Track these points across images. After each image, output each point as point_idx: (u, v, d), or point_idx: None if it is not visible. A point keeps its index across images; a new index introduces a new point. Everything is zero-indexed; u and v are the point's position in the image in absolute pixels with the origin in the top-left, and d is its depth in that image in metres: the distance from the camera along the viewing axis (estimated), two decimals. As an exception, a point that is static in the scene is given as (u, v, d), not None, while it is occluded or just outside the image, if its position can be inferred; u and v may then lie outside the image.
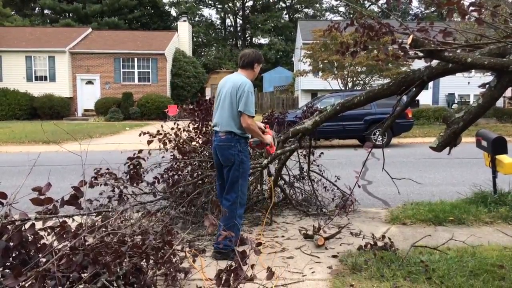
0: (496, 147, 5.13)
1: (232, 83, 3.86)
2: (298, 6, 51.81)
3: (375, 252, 3.69)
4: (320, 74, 20.99)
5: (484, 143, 5.31)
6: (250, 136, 3.96)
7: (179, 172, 5.10)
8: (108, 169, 4.95)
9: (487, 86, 3.15)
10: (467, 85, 24.61)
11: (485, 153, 5.42)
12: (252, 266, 2.51)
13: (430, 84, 24.96)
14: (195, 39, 45.05)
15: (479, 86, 3.61)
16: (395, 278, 3.22)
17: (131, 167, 4.74)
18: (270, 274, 2.40)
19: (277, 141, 4.37)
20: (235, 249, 3.74)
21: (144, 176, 4.87)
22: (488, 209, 4.96)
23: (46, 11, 45.16)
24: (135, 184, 4.80)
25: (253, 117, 3.77)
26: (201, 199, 4.74)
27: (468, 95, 26.58)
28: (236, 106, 3.76)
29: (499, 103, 23.97)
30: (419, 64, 3.83)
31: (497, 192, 5.25)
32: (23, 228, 2.22)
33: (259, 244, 3.28)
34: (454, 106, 25.03)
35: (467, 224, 4.71)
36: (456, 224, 4.72)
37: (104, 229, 2.46)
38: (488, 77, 17.82)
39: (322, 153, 6.05)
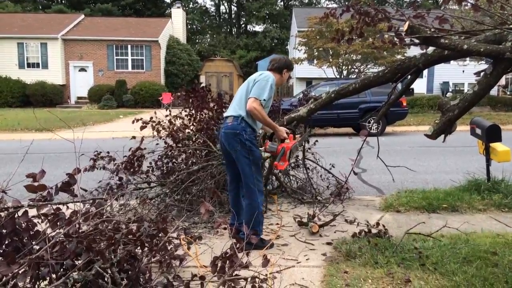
0: (490, 135, 5.15)
1: (256, 74, 3.82)
2: (293, -7, 51.46)
3: (369, 239, 3.71)
4: (315, 62, 20.92)
5: (478, 131, 5.33)
6: (257, 127, 3.82)
7: (174, 160, 5.08)
8: (108, 152, 4.96)
9: (482, 73, 3.14)
10: (462, 73, 24.81)
11: (479, 141, 5.44)
12: (248, 253, 2.51)
13: (425, 72, 25.01)
14: (189, 26, 44.69)
15: (474, 74, 3.60)
16: (389, 264, 3.24)
17: (134, 158, 4.74)
18: (265, 261, 2.40)
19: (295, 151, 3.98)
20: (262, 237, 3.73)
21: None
22: (481, 196, 4.99)
23: (37, -3, 44.51)
24: (135, 174, 4.82)
25: (261, 101, 3.58)
26: (196, 187, 4.73)
27: (463, 84, 26.65)
28: (250, 92, 3.66)
29: (493, 91, 24.09)
30: (414, 52, 3.81)
31: (491, 180, 5.28)
32: (16, 215, 2.20)
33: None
34: (449, 94, 25.09)
35: (461, 211, 4.74)
36: (450, 212, 4.75)
37: (99, 216, 2.45)
38: (482, 66, 17.84)
39: (316, 141, 6.05)
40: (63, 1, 42.69)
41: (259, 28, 49.55)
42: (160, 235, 2.58)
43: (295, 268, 3.33)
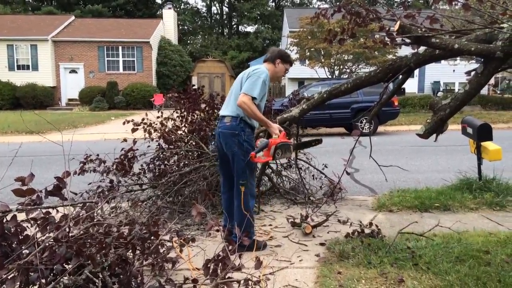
0: (481, 134, 5.17)
1: (250, 69, 3.71)
2: (285, -7, 51.53)
3: (362, 239, 3.70)
4: (307, 62, 20.97)
5: (469, 130, 5.35)
6: (256, 125, 3.76)
7: (165, 162, 5.05)
8: (98, 154, 4.91)
9: (473, 73, 3.15)
10: (452, 73, 25.00)
11: (470, 140, 5.46)
12: (240, 255, 2.50)
13: (416, 72, 25.16)
14: (180, 27, 44.55)
15: (465, 73, 3.61)
16: (382, 264, 3.24)
17: (125, 159, 4.68)
18: (258, 263, 2.39)
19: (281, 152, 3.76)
20: (255, 239, 3.68)
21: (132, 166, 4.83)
22: (473, 195, 5.01)
23: (27, -1, 44.18)
24: (126, 176, 4.77)
25: (252, 98, 3.46)
26: (189, 189, 4.70)
27: (453, 83, 26.84)
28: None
29: (484, 90, 24.30)
30: (405, 52, 3.82)
31: (482, 179, 5.31)
32: (4, 220, 2.17)
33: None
34: (440, 93, 25.26)
35: (453, 210, 4.76)
36: (442, 211, 4.76)
37: (89, 219, 2.41)
38: (473, 65, 17.98)
39: (309, 141, 6.04)
40: (53, 3, 42.36)
41: (250, 28, 49.57)
42: (152, 238, 2.55)
43: (288, 269, 3.32)
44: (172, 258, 2.83)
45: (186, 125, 5.23)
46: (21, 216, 2.23)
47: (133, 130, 4.82)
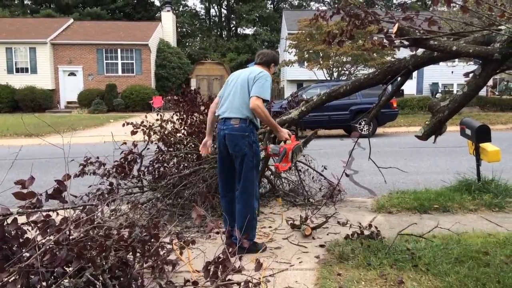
0: (480, 135, 5.18)
1: (250, 71, 3.68)
2: (283, -4, 51.60)
3: (361, 241, 3.71)
4: (306, 64, 20.99)
5: (468, 131, 5.36)
6: (259, 125, 3.77)
7: (165, 164, 5.05)
8: (98, 157, 4.91)
9: (471, 74, 3.17)
10: (451, 74, 25.03)
11: (469, 141, 5.47)
12: (240, 257, 2.50)
13: (414, 73, 25.19)
14: (179, 30, 44.57)
15: (463, 75, 3.63)
16: (381, 266, 3.24)
17: (125, 162, 4.68)
18: (258, 265, 2.39)
19: (295, 154, 3.81)
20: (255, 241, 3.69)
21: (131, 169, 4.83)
22: (472, 196, 5.02)
23: (26, 1, 44.19)
24: (126, 178, 4.77)
25: (264, 101, 3.50)
26: (188, 191, 4.71)
27: (452, 85, 26.90)
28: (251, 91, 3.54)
29: (482, 92, 24.31)
30: (404, 54, 3.83)
31: (481, 180, 5.32)
32: (5, 223, 2.17)
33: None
34: (438, 95, 25.30)
35: (452, 211, 4.77)
36: (441, 212, 4.77)
37: (89, 222, 2.42)
38: (471, 66, 18.00)
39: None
40: (51, 6, 42.36)
41: (249, 31, 49.62)
42: (152, 240, 2.56)
43: (288, 271, 3.32)
44: (172, 260, 2.83)
45: (186, 127, 5.24)
46: (21, 219, 2.24)
47: (133, 133, 4.82)
